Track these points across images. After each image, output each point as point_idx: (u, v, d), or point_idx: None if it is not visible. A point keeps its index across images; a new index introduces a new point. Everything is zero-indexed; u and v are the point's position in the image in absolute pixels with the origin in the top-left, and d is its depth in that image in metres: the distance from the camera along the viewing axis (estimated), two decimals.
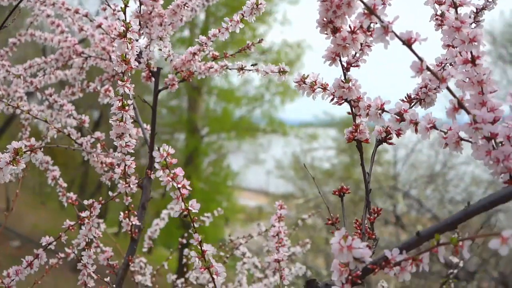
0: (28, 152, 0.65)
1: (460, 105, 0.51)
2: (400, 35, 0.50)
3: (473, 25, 0.74)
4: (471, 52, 0.54)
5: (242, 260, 1.29)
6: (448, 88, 0.51)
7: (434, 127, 0.56)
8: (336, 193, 0.69)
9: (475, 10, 0.74)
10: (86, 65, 1.19)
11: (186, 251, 1.22)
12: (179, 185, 0.62)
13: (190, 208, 0.63)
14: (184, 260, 1.42)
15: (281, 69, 0.85)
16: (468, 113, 0.51)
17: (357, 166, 8.76)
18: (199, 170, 11.35)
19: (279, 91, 11.98)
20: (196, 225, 0.66)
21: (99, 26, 1.04)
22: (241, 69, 0.95)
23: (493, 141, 0.53)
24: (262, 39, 1.01)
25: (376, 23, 0.54)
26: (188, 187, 0.63)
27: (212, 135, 12.15)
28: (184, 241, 1.44)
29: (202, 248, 0.65)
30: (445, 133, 0.55)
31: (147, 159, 1.04)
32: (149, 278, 1.31)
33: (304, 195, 9.02)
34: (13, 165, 0.67)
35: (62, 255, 1.11)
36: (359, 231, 0.64)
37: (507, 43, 9.07)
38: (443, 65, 0.70)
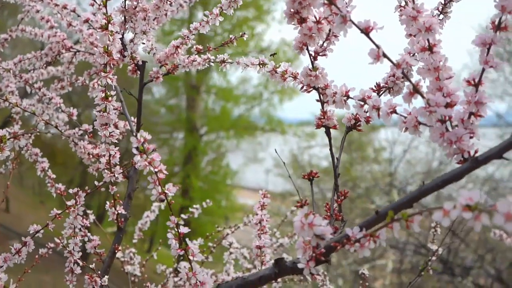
0: (12, 139, 0.68)
1: (415, 89, 0.54)
2: (358, 24, 0.53)
3: (441, 16, 0.77)
4: (428, 40, 0.57)
5: (229, 250, 1.33)
6: (403, 73, 0.54)
7: (394, 111, 0.59)
8: (305, 177, 0.72)
9: (443, 2, 0.77)
10: (75, 59, 1.22)
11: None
12: (156, 170, 0.65)
13: (166, 191, 0.66)
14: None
15: (261, 62, 0.87)
16: (423, 97, 0.54)
17: (355, 164, 8.80)
18: (198, 169, 11.38)
19: (277, 90, 12.01)
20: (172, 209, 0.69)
21: (86, 21, 1.07)
22: (222, 61, 0.98)
23: (449, 123, 0.56)
24: (244, 33, 1.04)
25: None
26: (165, 172, 0.66)
27: (211, 134, 12.19)
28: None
29: (179, 230, 0.68)
30: (405, 117, 0.58)
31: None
32: (137, 268, 1.34)
33: (302, 194, 9.05)
34: None
35: (52, 245, 1.14)
36: (328, 213, 0.67)
37: (505, 40, 9.09)
38: (411, 54, 0.73)
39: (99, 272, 0.96)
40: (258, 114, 12.15)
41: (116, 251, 1.01)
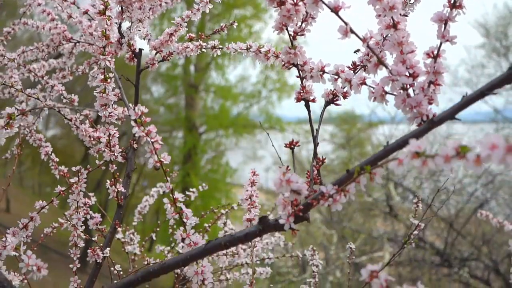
0: (20, 116, 0.75)
1: (379, 61, 0.61)
2: (328, 3, 0.60)
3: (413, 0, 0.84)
4: (392, 18, 0.63)
5: (223, 229, 1.39)
6: (369, 47, 0.61)
7: (364, 83, 0.66)
8: (287, 146, 0.79)
9: None
10: (76, 50, 1.29)
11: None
12: (153, 140, 0.72)
13: (162, 159, 0.73)
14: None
15: (248, 46, 0.94)
16: (387, 68, 0.61)
17: (354, 161, 8.88)
18: (198, 167, 11.44)
19: (276, 88, 12.08)
20: (168, 178, 0.76)
21: (86, 12, 1.13)
22: (214, 47, 1.05)
23: (412, 91, 0.63)
24: (234, 21, 1.10)
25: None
26: (160, 142, 0.72)
27: (210, 133, 12.25)
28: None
29: (174, 196, 0.75)
30: (373, 88, 0.65)
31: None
32: (137, 248, 1.41)
33: None
34: (7, 128, 0.77)
35: (56, 224, 1.21)
36: (308, 179, 0.74)
37: (501, 35, 9.17)
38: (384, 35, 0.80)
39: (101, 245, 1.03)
40: (257, 112, 12.22)
41: (117, 227, 1.08)
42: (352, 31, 0.60)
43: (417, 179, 6.34)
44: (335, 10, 0.60)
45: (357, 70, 0.79)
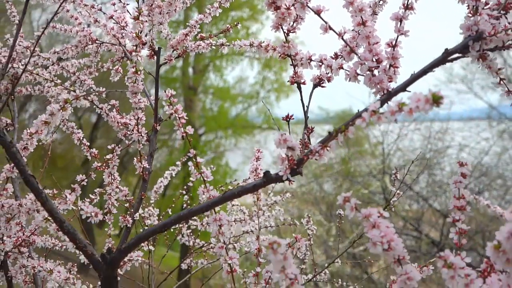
0: (74, 100, 0.95)
1: (351, 50, 0.82)
2: (312, 8, 0.81)
3: (381, 2, 1.05)
4: (361, 17, 0.84)
5: (231, 204, 1.60)
6: (343, 40, 0.82)
7: (341, 67, 0.86)
8: (284, 119, 0.99)
9: None
10: (100, 50, 1.49)
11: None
12: (180, 116, 0.93)
13: (187, 131, 0.94)
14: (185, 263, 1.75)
15: (251, 43, 1.15)
16: (357, 55, 0.82)
17: (353, 160, 9.09)
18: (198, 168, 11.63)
19: (274, 88, 12.30)
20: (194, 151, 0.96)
21: (111, 17, 1.34)
22: (222, 45, 1.26)
23: (377, 72, 0.84)
24: (238, 23, 1.31)
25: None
26: (185, 117, 0.93)
27: (209, 134, 12.45)
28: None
29: (197, 160, 0.95)
30: (348, 71, 0.86)
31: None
32: (156, 220, 1.62)
33: (301, 189, 9.27)
34: (63, 111, 0.98)
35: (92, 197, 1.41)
36: (301, 146, 0.94)
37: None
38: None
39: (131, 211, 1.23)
40: (255, 112, 12.42)
41: (143, 197, 1.28)
42: (330, 28, 0.81)
43: (412, 172, 6.55)
44: (318, 12, 0.81)
45: (338, 58, 1.00)
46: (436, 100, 0.58)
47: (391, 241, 0.67)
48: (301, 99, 0.96)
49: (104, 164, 1.23)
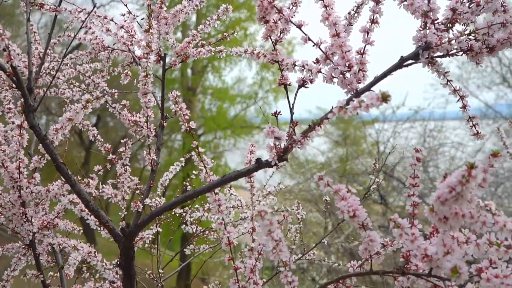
0: (95, 100, 1.12)
1: (327, 57, 1.00)
2: (294, 22, 0.98)
3: (356, 14, 1.22)
4: (335, 29, 1.02)
5: (229, 192, 1.77)
6: (320, 49, 0.99)
7: (319, 71, 1.04)
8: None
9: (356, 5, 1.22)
10: (112, 56, 1.67)
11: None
12: (184, 113, 1.10)
13: (190, 125, 1.11)
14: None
15: (246, 50, 1.32)
16: (331, 61, 0.99)
17: (351, 159, 9.27)
18: (197, 169, 11.78)
19: (272, 88, 12.47)
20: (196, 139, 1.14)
21: (122, 27, 1.52)
22: (220, 51, 1.43)
23: (348, 75, 1.01)
24: (234, 31, 1.49)
25: None
26: (189, 114, 1.11)
27: (208, 135, 12.61)
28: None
29: (199, 150, 1.13)
30: (325, 74, 1.03)
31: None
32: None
33: (300, 189, 9.43)
34: (85, 109, 1.15)
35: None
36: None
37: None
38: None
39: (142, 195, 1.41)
40: (254, 113, 12.58)
41: (152, 186, 1.46)
42: (309, 39, 0.98)
43: (406, 169, 6.74)
44: (299, 26, 0.98)
45: (318, 63, 1.18)
46: (384, 98, 0.76)
47: (356, 210, 0.85)
48: (287, 97, 1.13)
49: (117, 157, 1.41)
